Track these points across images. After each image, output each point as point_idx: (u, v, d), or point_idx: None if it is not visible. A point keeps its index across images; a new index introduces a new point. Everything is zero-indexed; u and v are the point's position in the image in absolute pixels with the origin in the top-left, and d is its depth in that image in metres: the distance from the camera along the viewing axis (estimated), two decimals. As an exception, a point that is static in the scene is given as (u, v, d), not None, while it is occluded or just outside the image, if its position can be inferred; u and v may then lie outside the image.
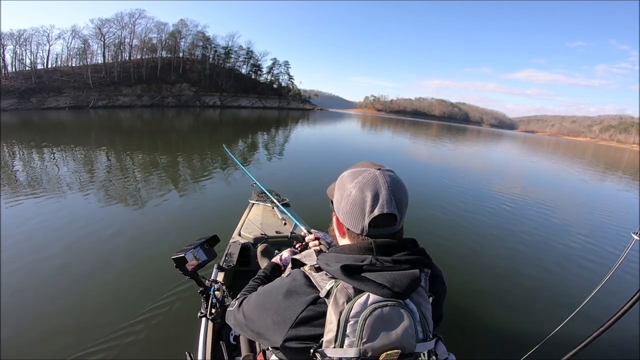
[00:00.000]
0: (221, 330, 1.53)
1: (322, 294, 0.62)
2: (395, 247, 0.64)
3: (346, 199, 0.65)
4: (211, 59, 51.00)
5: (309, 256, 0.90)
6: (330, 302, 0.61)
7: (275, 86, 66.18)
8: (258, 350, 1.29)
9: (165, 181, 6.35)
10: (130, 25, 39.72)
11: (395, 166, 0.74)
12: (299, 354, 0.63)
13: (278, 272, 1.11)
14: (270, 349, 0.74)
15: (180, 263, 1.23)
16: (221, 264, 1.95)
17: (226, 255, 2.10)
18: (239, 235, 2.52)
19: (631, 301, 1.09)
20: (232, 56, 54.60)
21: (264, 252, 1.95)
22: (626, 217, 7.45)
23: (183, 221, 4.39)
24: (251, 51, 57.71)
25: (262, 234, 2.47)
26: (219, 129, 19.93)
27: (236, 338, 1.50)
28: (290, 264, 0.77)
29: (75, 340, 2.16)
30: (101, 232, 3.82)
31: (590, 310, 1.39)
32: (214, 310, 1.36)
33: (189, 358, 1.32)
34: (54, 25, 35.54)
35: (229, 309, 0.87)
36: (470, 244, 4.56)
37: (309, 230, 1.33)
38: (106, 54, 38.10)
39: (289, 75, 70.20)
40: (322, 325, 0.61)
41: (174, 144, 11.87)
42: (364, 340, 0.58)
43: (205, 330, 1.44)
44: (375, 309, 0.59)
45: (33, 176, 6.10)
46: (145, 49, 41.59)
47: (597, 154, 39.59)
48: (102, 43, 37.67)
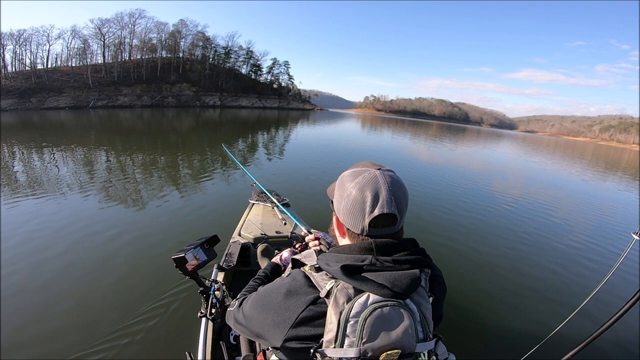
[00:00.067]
0: (221, 330, 1.53)
1: (323, 294, 0.62)
2: (395, 247, 0.64)
3: (346, 199, 0.65)
4: (211, 59, 50.99)
5: (309, 256, 0.90)
6: (330, 302, 0.60)
7: (275, 86, 66.14)
8: (258, 350, 1.29)
9: (165, 181, 6.34)
10: (130, 25, 39.76)
11: (396, 166, 0.74)
12: (299, 354, 0.63)
13: (278, 272, 1.11)
14: (270, 349, 0.74)
15: (181, 263, 1.23)
16: (221, 264, 1.95)
17: (226, 255, 2.10)
18: (239, 235, 2.52)
19: (631, 301, 1.09)
20: (232, 56, 54.63)
21: (264, 252, 1.95)
22: (626, 217, 7.44)
23: (183, 221, 4.39)
24: (251, 51, 57.78)
25: (262, 234, 2.47)
26: (218, 129, 19.91)
27: (236, 338, 1.50)
28: (291, 264, 0.77)
29: (75, 340, 2.16)
30: (101, 233, 3.82)
31: (590, 310, 1.39)
32: (214, 310, 1.36)
33: (189, 358, 1.32)
34: (53, 25, 35.57)
35: (229, 309, 0.87)
36: (470, 243, 4.56)
37: (309, 230, 1.33)
38: (106, 54, 38.13)
39: (289, 75, 70.24)
40: (322, 326, 0.61)
41: (173, 144, 11.86)
42: (364, 340, 0.58)
43: (205, 330, 1.44)
44: (375, 309, 0.59)
45: (33, 177, 6.10)
46: (145, 49, 41.59)
47: (597, 154, 39.58)
48: (102, 43, 37.68)
